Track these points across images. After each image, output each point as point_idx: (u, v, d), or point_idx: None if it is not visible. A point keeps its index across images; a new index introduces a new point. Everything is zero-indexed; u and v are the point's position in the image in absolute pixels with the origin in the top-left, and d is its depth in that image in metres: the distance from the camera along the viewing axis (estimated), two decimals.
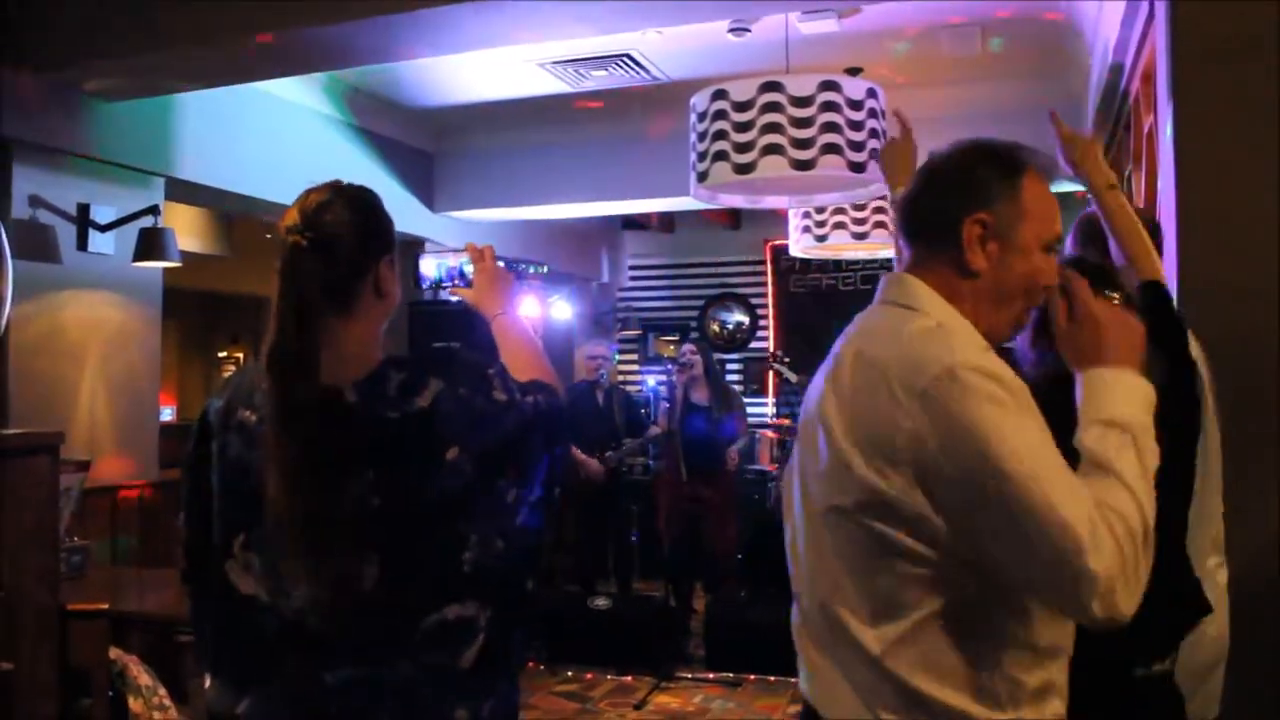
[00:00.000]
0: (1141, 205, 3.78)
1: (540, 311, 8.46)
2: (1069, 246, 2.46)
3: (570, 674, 5.94)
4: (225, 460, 1.72)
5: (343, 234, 1.69)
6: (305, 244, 1.65)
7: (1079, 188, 6.01)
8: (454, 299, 2.03)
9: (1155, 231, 2.45)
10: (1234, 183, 2.82)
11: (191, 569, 1.83)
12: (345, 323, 1.69)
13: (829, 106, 3.68)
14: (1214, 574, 2.22)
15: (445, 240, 7.45)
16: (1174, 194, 2.87)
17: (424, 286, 1.98)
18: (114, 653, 3.14)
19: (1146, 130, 3.82)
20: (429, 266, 1.98)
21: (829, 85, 3.71)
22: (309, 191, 1.73)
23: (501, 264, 2.04)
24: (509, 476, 1.67)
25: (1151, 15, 3.39)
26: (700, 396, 6.86)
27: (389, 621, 1.60)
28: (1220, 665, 2.21)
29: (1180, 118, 2.90)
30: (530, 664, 5.85)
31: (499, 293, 1.96)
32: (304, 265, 1.64)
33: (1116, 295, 1.98)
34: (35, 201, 4.64)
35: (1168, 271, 2.86)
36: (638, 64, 5.68)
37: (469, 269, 2.03)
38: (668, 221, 9.89)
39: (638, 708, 5.38)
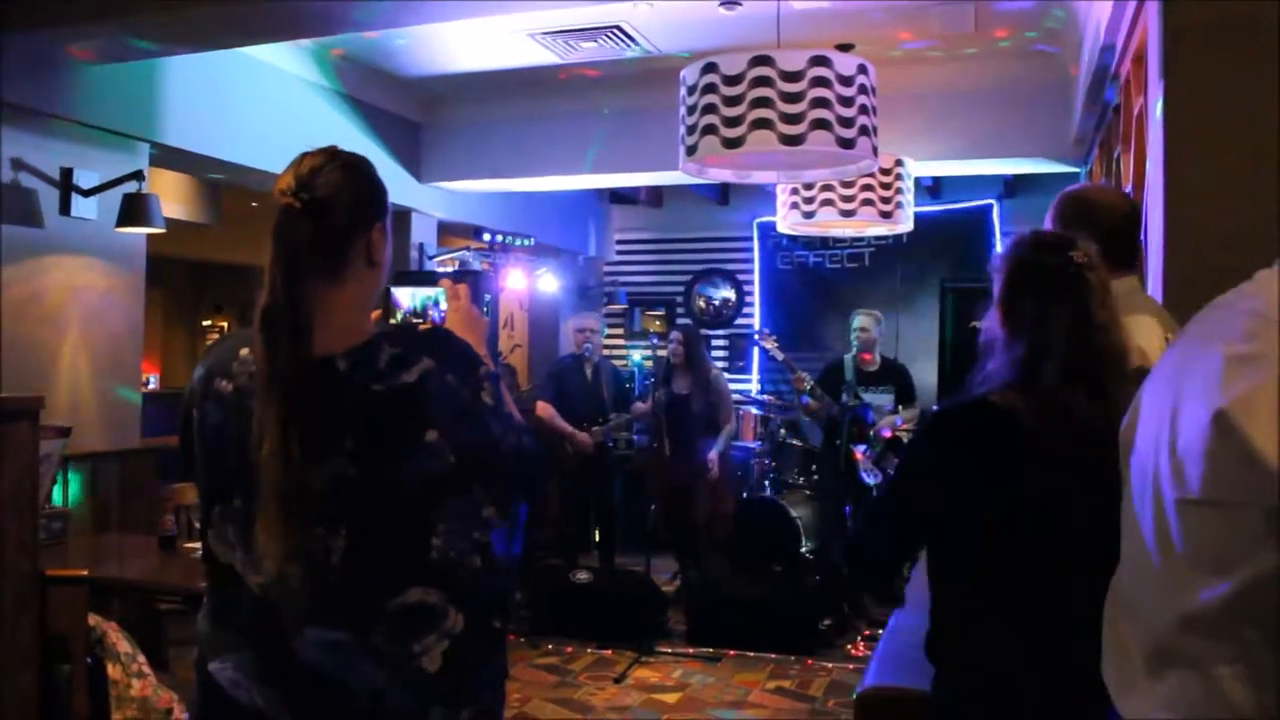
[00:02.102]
0: (1130, 186, 3.78)
1: (527, 284, 8.46)
2: (1047, 224, 2.45)
3: (550, 647, 5.95)
4: (205, 429, 1.71)
5: (336, 198, 1.68)
6: (298, 206, 1.65)
7: (1067, 168, 5.99)
8: (443, 269, 2.01)
9: (1136, 219, 2.42)
10: (1223, 164, 2.82)
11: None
12: (336, 289, 1.69)
13: (819, 82, 3.66)
14: None
15: (432, 210, 7.43)
16: (1163, 175, 2.87)
17: (397, 315, 1.95)
18: (93, 619, 3.13)
19: (1137, 111, 3.82)
20: (404, 296, 1.95)
21: (819, 60, 3.69)
22: (304, 155, 1.72)
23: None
24: (487, 490, 1.67)
25: None
26: (682, 385, 6.86)
27: (354, 598, 1.60)
28: None
29: (1170, 99, 2.90)
30: (510, 637, 5.86)
31: (472, 336, 1.90)
32: (296, 227, 1.64)
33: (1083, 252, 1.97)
34: (17, 165, 4.60)
35: (1154, 253, 2.87)
36: (628, 36, 5.65)
37: (444, 304, 2.01)
38: (656, 196, 9.87)
39: (618, 681, 5.40)
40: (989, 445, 1.95)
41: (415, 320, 1.95)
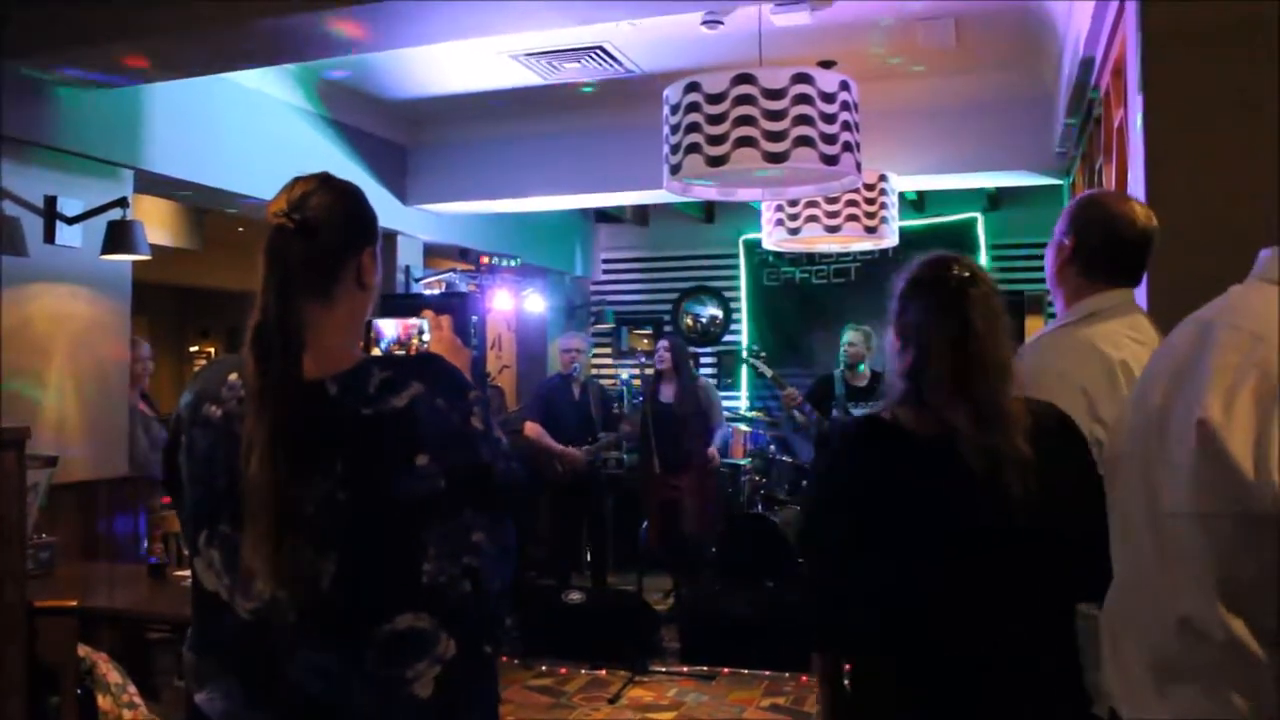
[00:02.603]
0: None
1: (514, 304, 8.46)
2: (1059, 232, 2.43)
3: (544, 668, 5.93)
4: (193, 455, 1.71)
5: (327, 220, 1.70)
6: (291, 226, 1.66)
7: (1050, 180, 5.99)
8: (430, 293, 2.01)
9: (1148, 235, 2.38)
10: (1203, 175, 2.84)
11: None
12: (327, 311, 1.70)
13: (802, 99, 3.68)
14: None
15: (418, 233, 7.43)
16: (1144, 187, 2.89)
17: (380, 346, 1.94)
18: (83, 650, 3.11)
19: (1117, 123, 3.85)
20: (387, 327, 1.95)
21: (802, 78, 3.71)
22: (297, 180, 1.75)
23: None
24: (477, 514, 1.67)
25: (1122, 9, 3.41)
26: (668, 394, 6.89)
27: (344, 623, 1.59)
28: None
29: (1150, 111, 2.92)
30: (503, 659, 5.84)
31: (455, 364, 1.90)
32: (289, 246, 1.65)
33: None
34: (1, 193, 4.58)
35: None
36: (611, 56, 5.67)
37: (428, 334, 2.01)
38: (641, 214, 9.88)
39: (612, 701, 5.38)
40: (870, 453, 2.05)
41: (399, 351, 1.94)
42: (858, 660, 2.09)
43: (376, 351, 1.88)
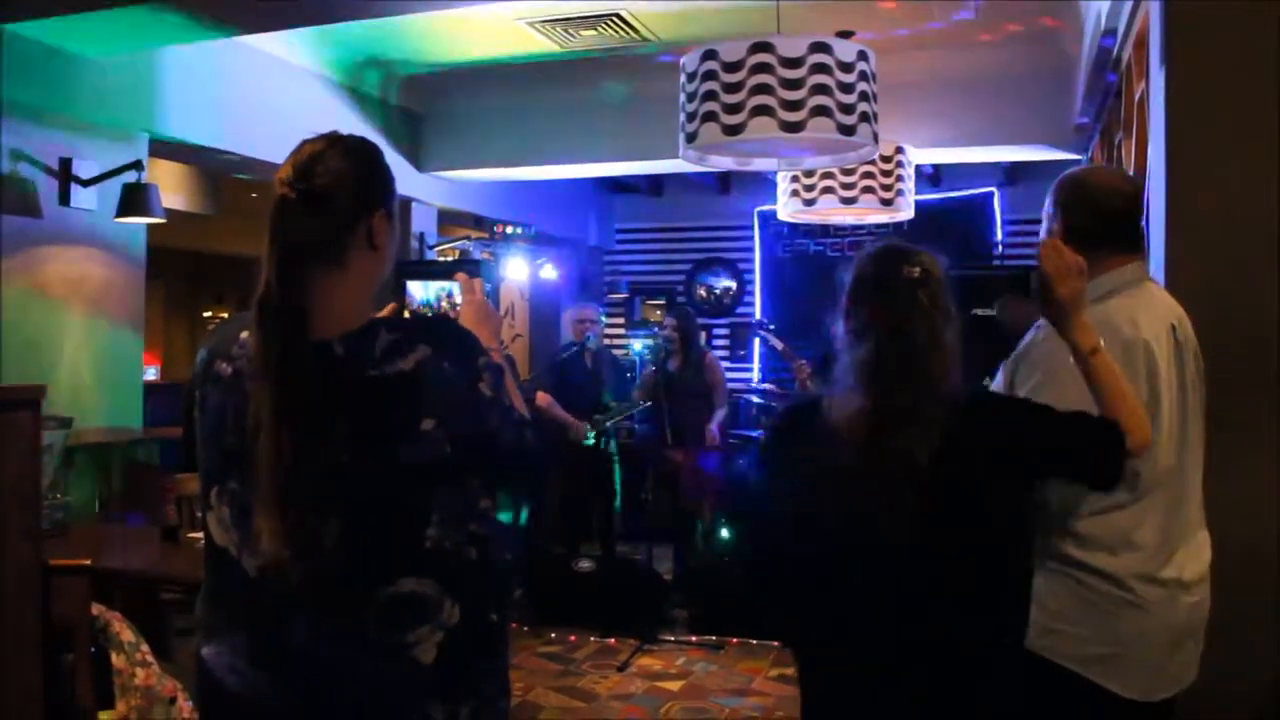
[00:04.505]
0: (1131, 172, 3.77)
1: (528, 273, 8.46)
2: (1046, 208, 2.41)
3: (553, 636, 5.96)
4: (205, 411, 1.72)
5: (333, 186, 1.67)
6: (294, 196, 1.64)
7: (1068, 154, 5.92)
8: (444, 259, 2.00)
9: (1137, 201, 2.38)
10: (1224, 149, 2.81)
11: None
12: (338, 274, 1.68)
13: (819, 68, 3.65)
14: (1203, 546, 2.23)
15: (433, 199, 7.41)
16: (1164, 161, 2.87)
17: (411, 308, 1.93)
18: (96, 609, 3.13)
19: (1138, 97, 3.81)
20: (417, 289, 1.94)
21: (820, 47, 3.67)
22: (304, 143, 1.72)
23: (488, 289, 1.96)
24: (483, 481, 1.67)
25: None
26: (675, 365, 6.90)
27: (347, 585, 1.60)
28: (1199, 631, 2.21)
29: (1171, 84, 2.89)
30: (513, 625, 5.87)
31: (485, 330, 1.86)
32: (292, 219, 1.64)
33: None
34: (16, 155, 4.59)
35: (1155, 238, 2.86)
36: (627, 24, 5.63)
37: (459, 296, 1.99)
38: (656, 184, 9.85)
39: (620, 669, 5.40)
40: (797, 437, 2.11)
41: (428, 313, 1.93)
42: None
43: (409, 313, 1.87)
